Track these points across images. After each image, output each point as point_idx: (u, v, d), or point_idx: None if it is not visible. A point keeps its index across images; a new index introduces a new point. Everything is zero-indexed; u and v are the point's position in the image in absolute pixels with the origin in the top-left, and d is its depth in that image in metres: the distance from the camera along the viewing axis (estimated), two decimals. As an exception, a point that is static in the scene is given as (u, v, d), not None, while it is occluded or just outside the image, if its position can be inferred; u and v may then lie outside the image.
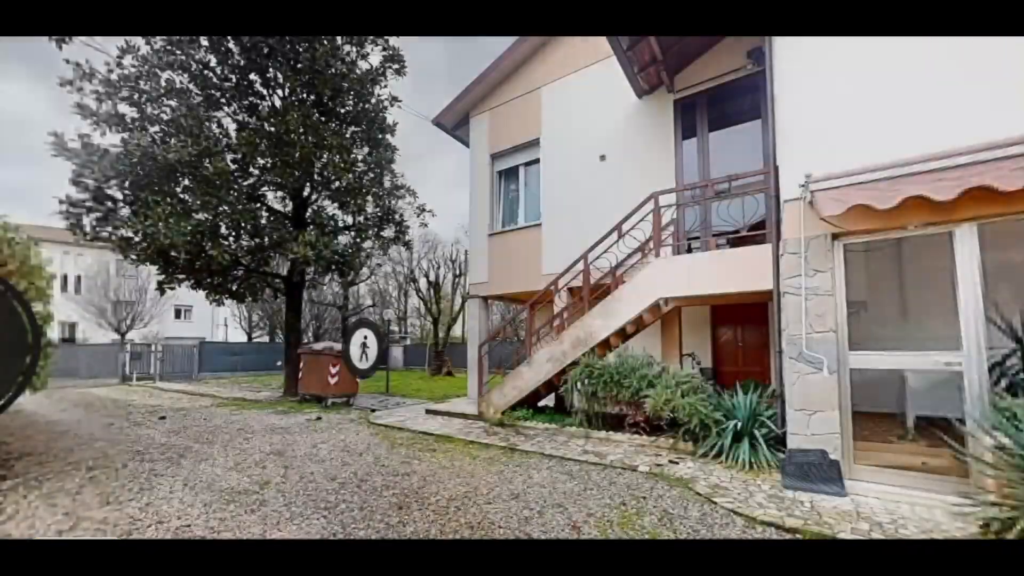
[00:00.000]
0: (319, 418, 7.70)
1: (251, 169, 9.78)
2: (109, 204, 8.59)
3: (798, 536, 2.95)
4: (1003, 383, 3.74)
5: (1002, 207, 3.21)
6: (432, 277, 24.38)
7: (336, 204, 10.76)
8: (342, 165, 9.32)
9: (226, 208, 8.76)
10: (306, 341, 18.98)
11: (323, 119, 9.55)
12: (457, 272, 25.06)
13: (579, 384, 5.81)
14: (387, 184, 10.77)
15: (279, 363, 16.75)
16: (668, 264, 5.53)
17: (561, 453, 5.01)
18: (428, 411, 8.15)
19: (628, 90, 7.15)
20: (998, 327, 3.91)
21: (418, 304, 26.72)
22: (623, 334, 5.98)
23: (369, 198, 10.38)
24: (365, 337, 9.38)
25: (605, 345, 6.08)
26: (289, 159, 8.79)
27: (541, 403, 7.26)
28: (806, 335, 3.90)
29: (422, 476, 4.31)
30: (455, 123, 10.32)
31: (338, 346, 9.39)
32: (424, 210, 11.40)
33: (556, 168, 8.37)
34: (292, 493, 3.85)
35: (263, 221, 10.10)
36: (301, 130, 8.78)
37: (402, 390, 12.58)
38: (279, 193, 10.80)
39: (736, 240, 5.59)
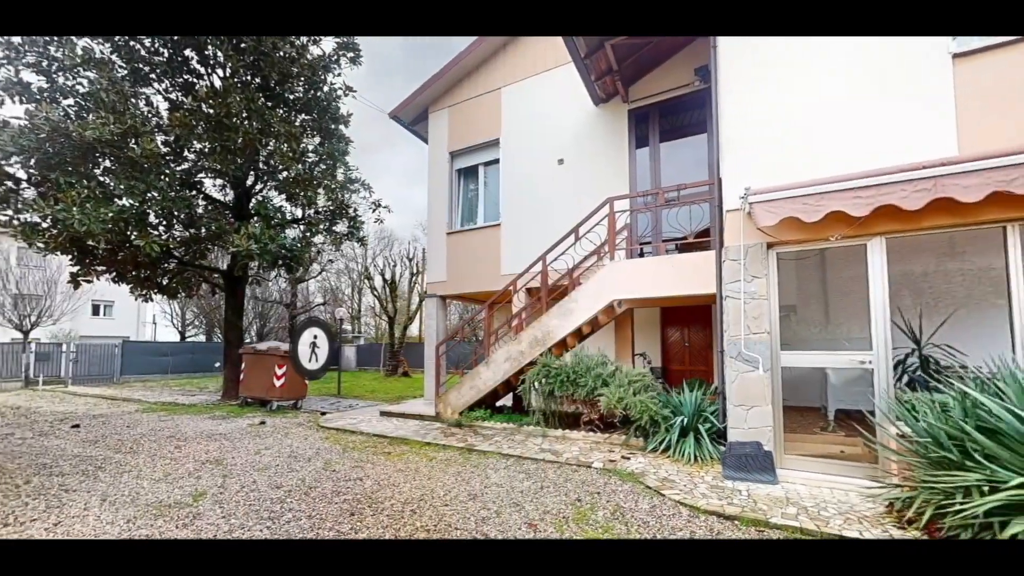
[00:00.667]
0: (263, 423, 7.24)
1: (186, 153, 8.96)
2: (9, 184, 7.53)
3: (736, 522, 3.18)
4: (905, 379, 4.27)
5: (905, 224, 3.66)
6: (388, 275, 23.69)
7: (284, 196, 10.13)
8: (290, 154, 8.79)
9: (155, 194, 7.95)
10: (249, 341, 17.71)
11: (269, 104, 8.94)
12: (414, 270, 24.52)
13: (537, 383, 5.89)
14: (340, 177, 10.27)
15: (217, 364, 15.58)
16: (622, 267, 5.75)
17: (519, 452, 5.06)
18: (383, 413, 7.92)
19: (586, 97, 7.34)
20: (901, 329, 4.45)
21: (373, 302, 25.86)
22: (579, 334, 6.14)
23: (320, 191, 9.85)
24: (315, 336, 8.95)
25: (562, 345, 6.21)
26: (230, 145, 8.14)
27: (499, 403, 7.28)
28: (744, 336, 4.21)
29: (376, 480, 4.19)
30: (413, 118, 10.07)
31: (285, 346, 8.86)
32: (379, 205, 11.02)
33: (516, 169, 8.42)
34: (231, 504, 3.59)
35: (199, 210, 9.31)
36: (244, 114, 8.17)
37: (355, 392, 12.12)
38: (218, 181, 9.99)
39: (684, 246, 5.92)
